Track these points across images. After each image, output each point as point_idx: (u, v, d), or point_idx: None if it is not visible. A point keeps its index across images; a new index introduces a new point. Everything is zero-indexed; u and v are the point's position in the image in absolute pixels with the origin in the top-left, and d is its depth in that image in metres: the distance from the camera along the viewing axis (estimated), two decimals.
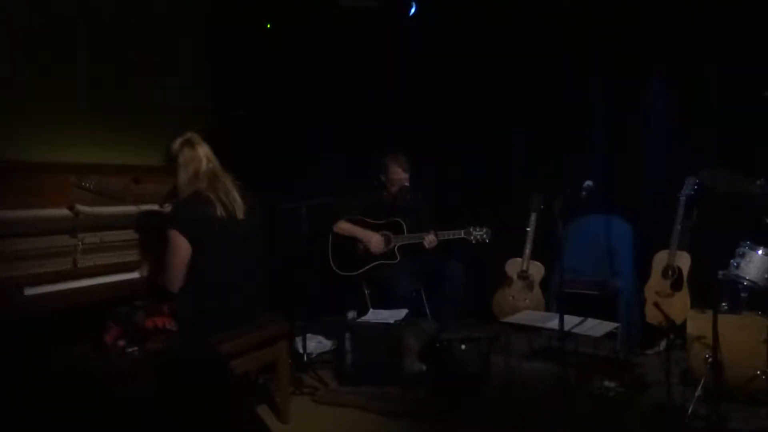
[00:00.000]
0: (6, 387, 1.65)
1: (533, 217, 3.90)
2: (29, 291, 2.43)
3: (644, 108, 4.03)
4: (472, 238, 3.71)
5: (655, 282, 3.61)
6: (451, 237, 3.76)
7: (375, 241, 3.83)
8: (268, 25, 4.56)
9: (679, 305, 3.46)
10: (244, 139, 4.32)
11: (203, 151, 2.63)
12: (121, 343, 2.56)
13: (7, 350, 2.17)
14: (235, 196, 2.64)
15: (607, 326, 3.13)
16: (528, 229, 3.91)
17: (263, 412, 2.88)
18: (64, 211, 2.67)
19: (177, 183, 2.62)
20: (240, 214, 2.64)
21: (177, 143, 2.63)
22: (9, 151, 2.91)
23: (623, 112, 4.10)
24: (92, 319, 2.58)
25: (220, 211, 2.56)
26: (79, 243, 2.71)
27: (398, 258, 3.83)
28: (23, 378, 1.84)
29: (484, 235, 3.70)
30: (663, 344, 3.45)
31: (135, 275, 2.83)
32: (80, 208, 2.72)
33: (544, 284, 3.91)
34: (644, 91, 4.03)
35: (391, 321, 3.35)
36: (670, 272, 3.56)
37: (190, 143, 2.63)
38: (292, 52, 4.60)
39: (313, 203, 3.53)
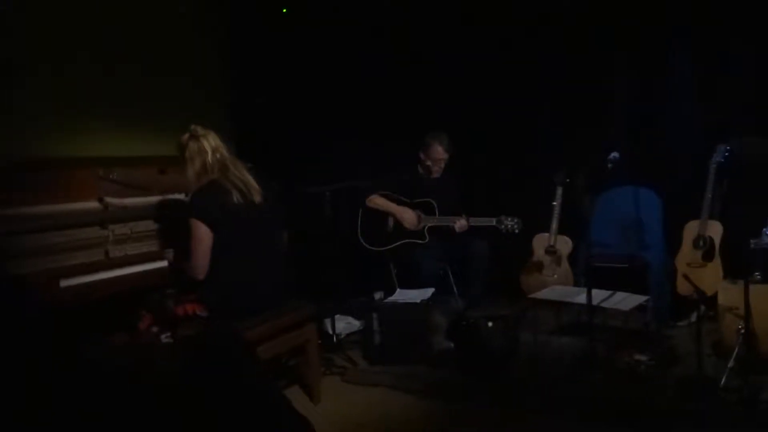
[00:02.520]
0: (45, 376, 1.72)
1: (559, 191, 3.85)
2: (65, 282, 2.52)
3: (671, 75, 3.91)
4: (502, 227, 3.71)
5: (686, 253, 3.54)
6: (481, 224, 3.76)
7: (409, 216, 3.84)
8: (284, 10, 4.56)
9: (711, 276, 3.39)
10: (266, 126, 4.35)
11: (209, 142, 2.65)
12: (155, 329, 2.63)
13: (46, 341, 2.26)
14: (250, 180, 2.68)
15: (637, 299, 3.10)
16: (554, 203, 3.86)
17: (295, 392, 2.94)
18: (93, 204, 2.75)
19: (186, 177, 2.67)
20: (257, 198, 2.68)
21: (183, 138, 2.68)
22: (38, 148, 3.00)
23: (649, 80, 3.98)
24: (126, 307, 2.67)
25: (236, 197, 2.61)
26: (110, 234, 2.79)
27: (427, 238, 3.84)
28: (61, 367, 1.91)
29: (515, 226, 3.70)
30: (694, 316, 3.40)
31: (164, 263, 2.90)
32: (109, 200, 2.79)
33: (572, 259, 3.87)
34: (670, 58, 3.91)
35: (418, 300, 3.37)
36: (701, 242, 3.48)
37: (194, 137, 2.66)
38: (311, 37, 4.59)
39: (337, 186, 3.56)
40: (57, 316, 2.37)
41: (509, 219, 3.70)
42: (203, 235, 2.58)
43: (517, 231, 3.69)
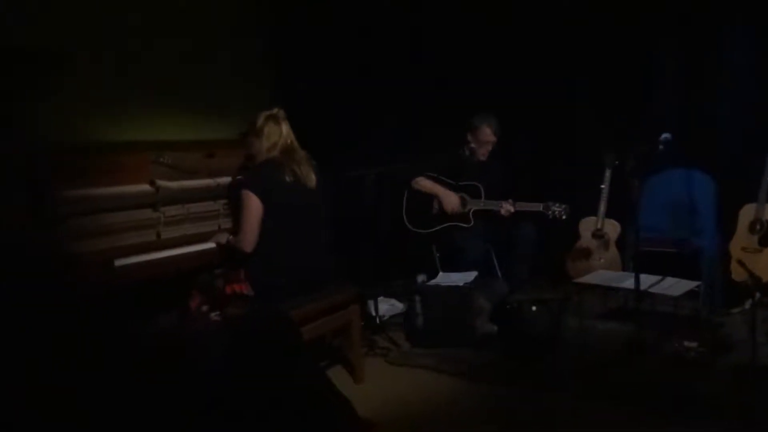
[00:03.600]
0: (102, 353, 1.79)
1: (607, 173, 3.75)
2: (119, 262, 2.61)
3: (725, 52, 3.75)
4: (549, 213, 3.64)
5: (741, 237, 3.42)
6: (528, 209, 3.71)
7: (454, 199, 3.83)
8: None
9: (767, 262, 3.27)
10: (310, 110, 4.37)
11: (285, 128, 2.81)
12: (204, 308, 2.73)
13: (103, 318, 2.36)
14: (308, 168, 2.80)
15: (687, 285, 3.02)
16: (602, 186, 3.77)
17: (338, 372, 3.00)
18: (145, 187, 2.84)
19: (255, 150, 2.81)
20: (311, 184, 2.78)
21: (263, 116, 2.80)
22: (93, 133, 3.10)
23: (702, 58, 3.82)
24: (176, 287, 2.76)
25: (288, 176, 2.72)
26: (161, 216, 2.88)
27: (472, 222, 3.82)
28: (117, 344, 1.99)
29: (562, 212, 3.62)
30: (748, 303, 3.28)
31: (213, 245, 2.98)
32: (160, 183, 2.88)
33: (621, 243, 3.78)
34: (725, 34, 3.74)
35: (461, 284, 3.37)
36: (757, 227, 3.36)
37: (275, 118, 2.80)
38: (354, 20, 4.58)
39: (381, 170, 3.56)
40: (111, 294, 2.47)
41: (556, 205, 3.64)
42: (254, 207, 2.67)
43: (564, 217, 3.62)
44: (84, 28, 3.16)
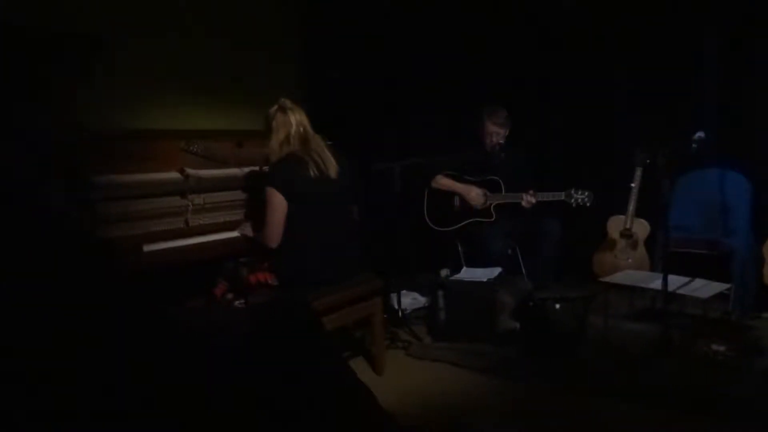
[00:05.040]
0: (128, 334, 1.84)
1: (638, 171, 3.68)
2: (147, 247, 2.67)
3: (763, 51, 3.63)
4: (572, 201, 3.59)
5: None
6: (550, 199, 3.66)
7: (475, 194, 3.81)
8: None
9: None
10: (340, 100, 4.40)
11: (295, 116, 2.75)
12: (230, 296, 2.77)
13: (132, 300, 2.41)
14: (328, 156, 2.76)
15: (717, 287, 2.95)
16: (632, 184, 3.70)
17: (359, 363, 3.02)
18: (175, 174, 2.89)
19: (269, 147, 2.77)
20: (333, 174, 2.75)
21: (271, 110, 2.78)
22: (125, 120, 3.17)
23: (738, 54, 3.71)
24: (202, 274, 2.81)
25: (312, 170, 2.69)
26: (190, 203, 2.93)
27: (494, 216, 3.80)
28: (144, 326, 2.03)
29: (586, 199, 3.56)
30: None
31: (239, 233, 3.02)
32: (189, 171, 2.93)
33: (650, 243, 3.72)
34: (763, 32, 3.63)
35: (484, 279, 3.35)
36: None
37: (282, 109, 2.76)
38: (385, 12, 4.57)
39: (406, 163, 3.56)
40: (139, 278, 2.53)
41: (579, 192, 3.58)
42: (278, 203, 2.67)
43: (588, 204, 3.56)
44: (119, 16, 3.22)
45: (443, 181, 3.91)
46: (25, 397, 1.41)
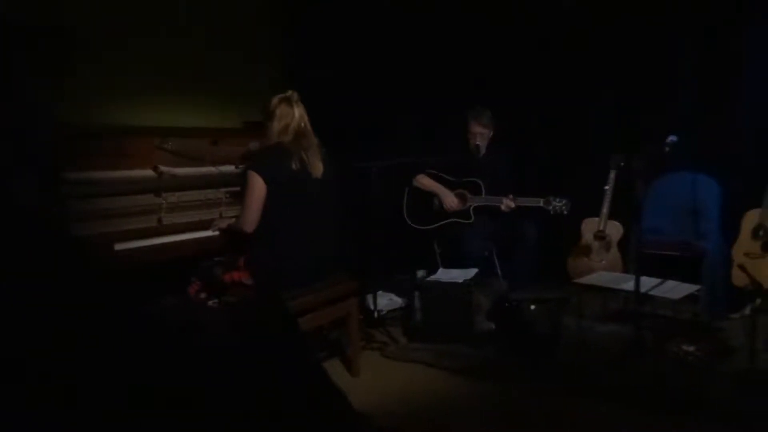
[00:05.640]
0: (99, 334, 1.80)
1: (612, 174, 3.73)
2: (119, 246, 2.63)
3: (734, 56, 3.72)
4: (550, 208, 3.63)
5: (745, 243, 3.39)
6: (529, 204, 3.70)
7: (450, 200, 3.83)
8: None
9: None
10: (320, 100, 4.37)
11: (299, 110, 2.78)
12: (203, 295, 2.73)
13: (101, 300, 2.36)
14: (316, 155, 2.77)
15: (688, 288, 3.00)
16: (606, 187, 3.75)
17: (334, 365, 3.00)
18: (148, 172, 2.85)
19: (267, 132, 2.78)
20: (317, 174, 2.75)
21: (277, 98, 2.78)
22: (98, 115, 3.11)
23: (710, 60, 3.79)
24: (176, 273, 2.76)
25: (295, 164, 2.69)
26: (163, 201, 2.89)
27: (472, 218, 3.81)
28: (114, 326, 2.00)
29: (563, 207, 3.61)
30: (748, 309, 3.26)
31: (213, 232, 2.98)
32: (164, 168, 2.88)
33: (623, 245, 3.77)
34: (735, 37, 3.71)
35: (461, 280, 3.36)
36: (761, 232, 3.33)
37: (288, 100, 2.78)
38: (367, 10, 4.56)
39: (387, 163, 3.56)
40: (111, 276, 2.48)
41: (557, 200, 3.63)
42: (258, 187, 2.65)
43: (565, 212, 3.61)
44: (95, 11, 3.17)
45: (424, 181, 3.93)
46: None
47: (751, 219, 3.38)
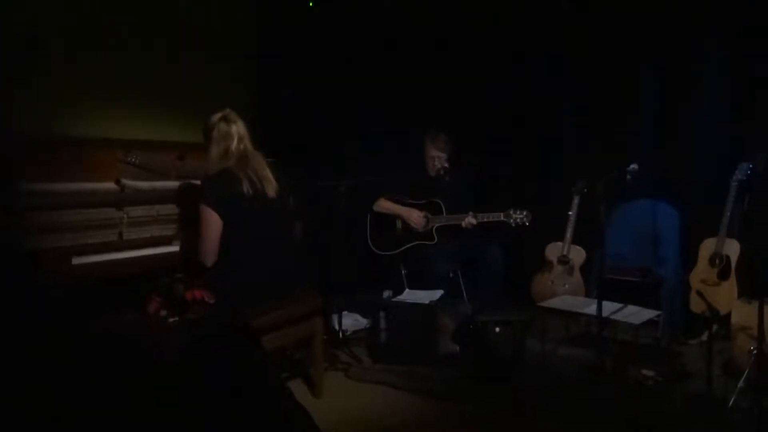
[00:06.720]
0: (52, 350, 1.74)
1: (576, 200, 3.81)
2: (77, 260, 2.55)
3: (694, 89, 3.87)
4: (511, 221, 3.65)
5: (701, 270, 3.49)
6: (490, 219, 3.72)
7: (416, 216, 3.84)
8: (311, 3, 4.58)
9: (726, 295, 3.34)
10: (288, 118, 4.36)
11: (237, 129, 2.69)
12: (163, 313, 2.65)
13: (56, 316, 2.28)
14: (267, 174, 2.71)
15: (648, 314, 3.05)
16: (570, 212, 3.82)
17: (297, 386, 2.95)
18: (110, 185, 2.79)
19: (208, 157, 2.70)
20: (271, 192, 2.70)
21: (214, 118, 2.71)
22: (59, 126, 3.03)
23: (672, 93, 3.94)
24: (136, 289, 2.68)
25: (246, 188, 2.62)
26: (125, 216, 2.82)
27: (436, 239, 3.82)
28: (69, 342, 1.93)
29: (524, 218, 3.64)
30: (706, 334, 3.33)
31: (176, 248, 2.92)
32: (126, 182, 2.82)
33: (585, 270, 3.83)
34: (695, 71, 3.86)
35: (426, 301, 3.36)
36: (717, 260, 3.43)
37: (226, 119, 2.70)
38: (334, 30, 4.60)
39: (351, 182, 3.55)
40: (67, 292, 2.40)
41: (517, 212, 3.64)
42: (212, 221, 2.60)
43: (527, 223, 3.63)
44: (59, 19, 3.10)
45: (385, 204, 3.92)
46: None
47: (708, 247, 3.48)
